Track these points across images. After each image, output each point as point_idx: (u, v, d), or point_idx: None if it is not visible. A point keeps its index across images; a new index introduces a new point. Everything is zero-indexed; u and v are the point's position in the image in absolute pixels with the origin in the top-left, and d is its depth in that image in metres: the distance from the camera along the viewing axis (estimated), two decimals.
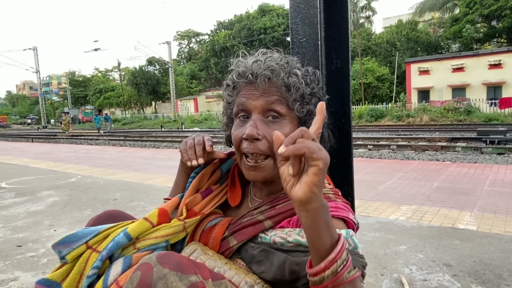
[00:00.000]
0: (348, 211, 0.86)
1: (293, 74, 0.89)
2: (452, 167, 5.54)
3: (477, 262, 2.15)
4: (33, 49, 40.73)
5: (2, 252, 2.62)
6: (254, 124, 0.85)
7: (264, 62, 0.88)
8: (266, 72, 0.86)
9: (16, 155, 9.91)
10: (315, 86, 0.93)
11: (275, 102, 0.86)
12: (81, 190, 4.69)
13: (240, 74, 0.90)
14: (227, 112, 0.99)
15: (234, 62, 0.96)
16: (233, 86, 0.93)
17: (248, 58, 0.94)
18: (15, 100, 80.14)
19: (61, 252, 0.85)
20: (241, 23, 41.58)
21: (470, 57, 24.76)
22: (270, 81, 0.87)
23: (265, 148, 0.86)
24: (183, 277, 0.63)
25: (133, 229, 0.85)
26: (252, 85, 0.88)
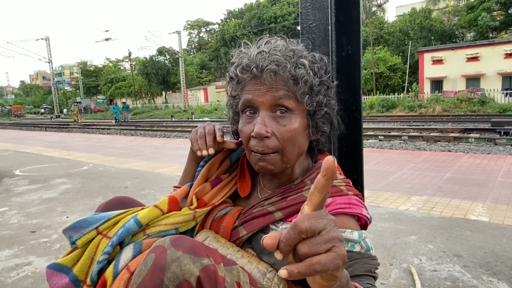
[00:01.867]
0: (361, 206, 0.85)
1: (300, 64, 0.85)
2: (465, 158, 5.45)
3: (488, 254, 2.12)
4: (46, 39, 41.09)
5: (17, 237, 2.68)
6: (262, 121, 0.83)
7: (269, 53, 0.83)
8: (271, 66, 0.82)
9: (30, 143, 10.09)
10: (323, 74, 0.90)
11: (283, 97, 0.83)
12: (93, 178, 4.76)
13: (244, 68, 0.86)
14: (233, 106, 0.97)
15: (236, 52, 0.92)
16: (237, 80, 0.89)
17: (251, 48, 0.89)
18: (29, 90, 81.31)
19: (72, 237, 0.86)
20: (251, 12, 41.24)
21: (486, 46, 24.18)
22: (276, 75, 0.82)
23: (274, 145, 0.84)
24: (196, 260, 0.64)
25: (143, 216, 0.85)
26: (257, 80, 0.85)
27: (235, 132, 1.03)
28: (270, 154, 0.85)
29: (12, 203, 3.64)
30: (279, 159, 0.85)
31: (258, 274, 0.82)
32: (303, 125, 0.87)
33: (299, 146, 0.88)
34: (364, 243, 0.78)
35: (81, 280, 0.84)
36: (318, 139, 0.93)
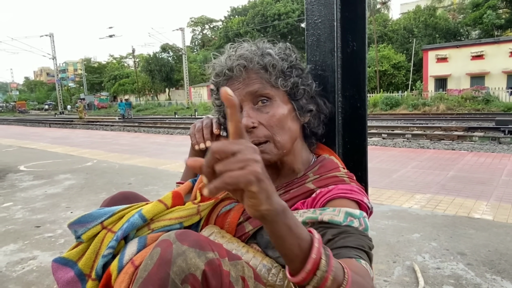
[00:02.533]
0: (363, 195, 0.85)
1: (266, 54, 0.89)
2: (469, 157, 5.43)
3: (492, 252, 2.11)
4: (50, 35, 41.21)
5: (22, 232, 2.71)
6: (247, 114, 0.86)
7: (236, 53, 0.89)
8: (240, 61, 0.87)
9: (34, 139, 10.14)
10: (293, 60, 0.94)
11: (260, 88, 0.87)
12: (97, 174, 4.78)
13: (218, 74, 0.91)
14: (222, 114, 1.01)
15: (209, 66, 0.97)
16: (216, 88, 0.94)
17: (221, 57, 0.94)
18: (33, 86, 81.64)
19: (77, 231, 0.87)
20: (255, 9, 41.10)
21: (491, 44, 24.00)
22: (246, 69, 0.87)
23: (263, 133, 0.86)
24: (201, 253, 0.64)
25: (148, 210, 0.86)
26: (231, 80, 0.88)
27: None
28: (262, 145, 0.87)
29: (17, 198, 3.66)
30: (272, 146, 0.88)
31: (263, 269, 0.82)
32: (287, 109, 0.90)
33: (289, 129, 0.90)
34: (364, 221, 0.79)
35: (86, 274, 0.85)
36: (309, 121, 0.96)
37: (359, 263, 0.70)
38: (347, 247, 0.75)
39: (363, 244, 0.76)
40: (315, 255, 0.56)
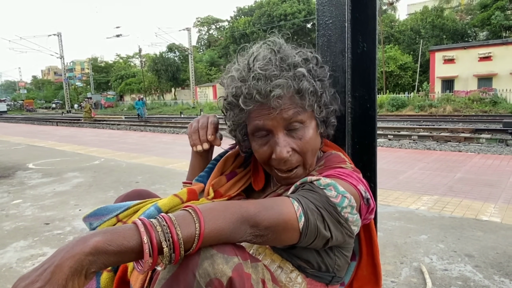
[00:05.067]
0: (360, 183, 0.85)
1: (300, 75, 0.83)
2: (476, 158, 5.40)
3: (500, 254, 2.10)
4: (58, 34, 41.52)
5: (31, 229, 2.74)
6: (281, 143, 0.84)
7: (265, 76, 0.81)
8: (276, 91, 0.80)
9: (42, 138, 10.24)
10: (320, 73, 0.90)
11: (294, 114, 0.84)
12: (105, 172, 4.82)
13: (246, 97, 0.83)
14: (239, 129, 0.94)
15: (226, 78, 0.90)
16: (239, 109, 0.87)
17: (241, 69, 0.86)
18: (41, 85, 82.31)
19: (92, 224, 0.88)
20: (261, 9, 41.10)
21: (499, 45, 23.75)
22: (281, 98, 0.81)
23: (296, 159, 0.87)
24: (229, 259, 0.64)
25: (164, 204, 0.88)
26: (263, 106, 0.83)
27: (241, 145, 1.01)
28: (294, 171, 0.88)
29: (26, 196, 3.71)
30: (302, 169, 0.89)
31: (281, 272, 0.83)
32: (315, 128, 0.89)
33: (315, 148, 0.91)
34: (342, 198, 0.78)
35: None
36: (328, 132, 0.97)
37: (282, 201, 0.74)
38: (296, 192, 0.80)
39: (317, 199, 0.76)
40: (145, 238, 0.57)
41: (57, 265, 0.53)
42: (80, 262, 0.53)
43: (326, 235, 0.77)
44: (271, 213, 0.70)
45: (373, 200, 0.87)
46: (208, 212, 0.64)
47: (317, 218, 0.75)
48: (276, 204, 0.73)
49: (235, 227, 0.66)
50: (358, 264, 1.04)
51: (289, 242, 0.75)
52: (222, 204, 0.69)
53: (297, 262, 0.84)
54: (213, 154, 1.11)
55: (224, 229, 0.64)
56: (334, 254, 0.87)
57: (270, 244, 0.81)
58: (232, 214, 0.66)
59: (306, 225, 0.73)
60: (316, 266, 0.85)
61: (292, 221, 0.72)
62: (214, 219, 0.64)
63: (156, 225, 0.60)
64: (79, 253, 0.53)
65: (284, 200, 0.75)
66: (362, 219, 0.86)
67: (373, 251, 1.01)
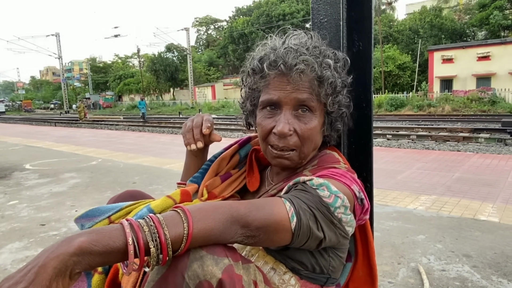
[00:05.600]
0: (354, 183, 0.84)
1: (326, 65, 0.86)
2: (475, 158, 5.39)
3: (498, 254, 2.09)
4: (56, 35, 41.44)
5: (27, 230, 2.72)
6: (286, 120, 0.84)
7: (297, 51, 0.84)
8: (300, 65, 0.82)
9: (40, 138, 10.21)
10: (344, 74, 0.92)
11: (308, 98, 0.85)
12: (102, 173, 4.80)
13: (271, 64, 0.85)
14: (252, 99, 0.95)
15: (260, 45, 0.93)
16: (261, 74, 0.88)
17: (276, 42, 0.90)
18: (39, 86, 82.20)
19: (84, 225, 0.86)
20: (259, 9, 41.13)
21: (497, 45, 23.78)
22: (303, 75, 0.83)
23: (294, 141, 0.86)
24: (219, 260, 0.63)
25: (157, 205, 0.86)
26: (283, 77, 0.84)
27: (249, 123, 1.02)
28: (288, 152, 0.87)
29: (22, 197, 3.69)
30: (297, 156, 0.88)
31: (273, 274, 0.82)
32: (320, 123, 0.90)
33: (315, 143, 0.90)
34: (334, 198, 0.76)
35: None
36: (330, 135, 0.96)
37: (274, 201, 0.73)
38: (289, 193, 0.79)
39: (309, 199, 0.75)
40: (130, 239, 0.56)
41: (41, 265, 0.52)
42: (64, 262, 0.52)
43: (319, 235, 0.75)
44: (263, 213, 0.69)
45: (368, 201, 0.85)
46: (197, 212, 0.63)
47: (309, 218, 0.74)
48: (267, 204, 0.72)
49: (225, 228, 0.65)
50: (354, 265, 1.03)
51: (281, 243, 0.74)
52: (212, 204, 0.68)
53: (291, 263, 0.83)
54: (208, 155, 1.10)
55: (214, 230, 0.63)
56: (328, 255, 0.86)
57: (262, 245, 0.79)
58: (222, 214, 0.65)
59: (299, 226, 0.72)
60: (310, 268, 0.84)
61: (284, 221, 0.71)
62: (203, 219, 0.63)
63: (143, 225, 0.59)
64: (64, 254, 0.53)
65: (276, 200, 0.74)
66: (356, 219, 0.85)
67: (369, 252, 1.00)
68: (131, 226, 0.58)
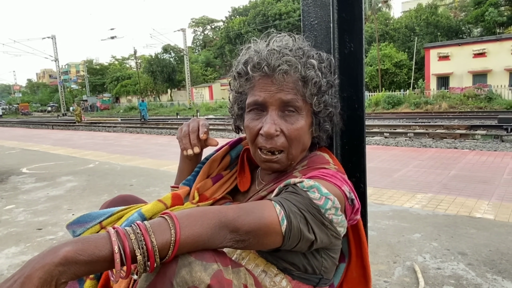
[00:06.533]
0: (344, 183, 0.84)
1: (310, 65, 0.86)
2: (471, 155, 5.41)
3: (493, 252, 2.11)
4: (52, 37, 41.37)
5: (23, 234, 2.72)
6: (272, 120, 0.85)
7: (280, 52, 0.85)
8: (283, 66, 0.83)
9: (37, 141, 10.18)
10: (329, 74, 0.92)
11: (293, 99, 0.85)
12: (99, 176, 4.79)
13: (255, 66, 0.86)
14: (238, 102, 0.97)
15: (244, 48, 0.94)
16: (246, 77, 0.89)
17: (259, 44, 0.91)
18: (36, 88, 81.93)
19: (75, 231, 0.86)
20: (256, 9, 41.13)
21: (493, 41, 23.87)
22: (287, 75, 0.84)
23: (281, 142, 0.86)
24: (208, 266, 0.63)
25: (147, 210, 0.86)
26: (267, 79, 0.85)
27: (239, 127, 1.03)
28: (276, 155, 0.87)
29: (19, 201, 3.68)
30: (285, 158, 0.88)
31: (265, 277, 0.82)
32: (308, 123, 0.90)
33: (303, 143, 0.91)
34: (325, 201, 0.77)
35: None
36: (319, 136, 0.96)
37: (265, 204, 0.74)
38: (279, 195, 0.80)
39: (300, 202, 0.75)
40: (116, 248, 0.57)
41: (27, 276, 0.52)
42: (50, 272, 0.53)
43: (310, 237, 0.76)
44: (252, 217, 0.70)
45: (358, 200, 0.86)
46: (185, 219, 0.64)
47: (300, 221, 0.74)
48: (257, 208, 0.73)
49: (214, 233, 0.65)
50: (347, 266, 1.04)
51: (272, 245, 0.75)
52: (200, 210, 0.68)
53: (283, 264, 0.83)
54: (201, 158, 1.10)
55: (202, 235, 0.64)
56: (320, 256, 0.86)
57: (253, 249, 0.80)
58: (210, 219, 0.65)
59: (289, 228, 0.73)
60: (302, 268, 0.84)
61: (274, 224, 0.71)
62: (190, 225, 0.63)
63: (130, 233, 0.59)
64: (49, 264, 0.53)
65: (266, 204, 0.75)
66: (347, 219, 0.85)
67: (362, 253, 1.01)
68: (118, 234, 0.59)
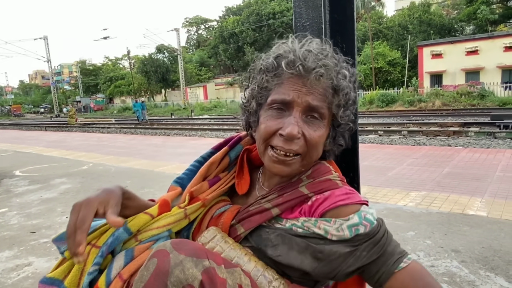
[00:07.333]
0: (356, 194, 0.83)
1: (343, 75, 0.83)
2: (464, 153, 5.46)
3: (486, 248, 2.13)
4: (44, 38, 41.01)
5: (17, 238, 2.70)
6: (296, 122, 0.80)
7: (317, 55, 0.80)
8: (320, 69, 0.79)
9: (30, 143, 10.10)
10: (355, 90, 0.89)
11: (321, 106, 0.81)
12: (93, 177, 4.77)
13: (288, 63, 0.80)
14: (257, 97, 0.89)
15: (278, 43, 0.88)
16: (275, 72, 0.84)
17: (294, 44, 0.85)
18: (28, 90, 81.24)
19: (60, 248, 0.83)
20: (249, 8, 41.05)
21: (485, 39, 24.08)
22: (320, 80, 0.80)
23: (300, 146, 0.82)
24: (198, 262, 0.64)
25: (133, 224, 0.83)
26: (299, 79, 0.81)
27: (249, 123, 0.94)
28: (292, 157, 0.82)
29: (12, 204, 3.65)
30: (299, 162, 0.84)
31: (264, 281, 0.81)
32: (326, 134, 0.86)
33: (318, 153, 0.87)
34: (366, 221, 0.77)
35: None
36: (330, 150, 0.93)
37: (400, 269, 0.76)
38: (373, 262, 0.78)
39: (382, 245, 0.77)
40: None
41: None
42: None
43: None
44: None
45: None
46: None
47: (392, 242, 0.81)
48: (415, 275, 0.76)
49: None
50: None
51: None
52: None
53: (282, 269, 0.83)
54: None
55: None
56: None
57: None
58: None
59: None
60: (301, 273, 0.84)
61: None
62: None
63: None
64: None
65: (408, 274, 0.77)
66: None
67: None
68: None
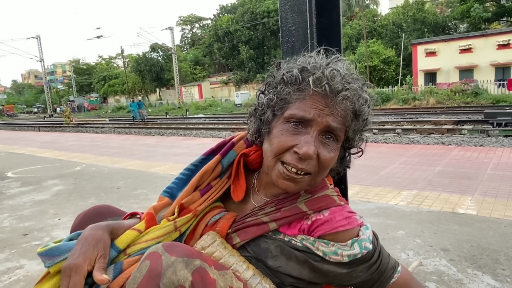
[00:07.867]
0: (354, 213, 0.84)
1: (364, 99, 0.82)
2: (456, 151, 5.51)
3: (474, 247, 2.16)
4: (37, 37, 40.70)
5: (8, 241, 2.68)
6: (313, 142, 0.78)
7: (344, 78, 0.79)
8: (346, 93, 0.78)
9: (23, 144, 10.02)
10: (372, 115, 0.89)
11: (339, 128, 0.80)
12: (86, 178, 4.75)
13: (315, 81, 0.79)
14: (274, 107, 0.85)
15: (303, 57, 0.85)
16: (298, 87, 0.81)
17: (318, 59, 0.83)
18: (21, 89, 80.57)
19: (45, 262, 0.80)
20: (244, 6, 40.99)
21: (478, 37, 24.28)
22: (346, 102, 0.79)
23: (312, 166, 0.80)
24: (189, 262, 0.65)
25: (121, 241, 0.83)
26: (323, 98, 0.79)
27: (259, 131, 0.90)
28: (303, 176, 0.81)
29: (4, 206, 3.63)
30: (308, 181, 0.82)
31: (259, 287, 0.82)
32: (337, 155, 0.86)
33: (326, 173, 0.87)
34: (365, 249, 0.82)
35: None
36: (337, 170, 0.94)
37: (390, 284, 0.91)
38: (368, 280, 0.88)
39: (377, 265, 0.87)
40: None
41: None
42: None
43: None
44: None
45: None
46: None
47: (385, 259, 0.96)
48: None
49: None
50: None
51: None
52: None
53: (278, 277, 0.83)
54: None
55: None
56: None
57: None
58: None
59: None
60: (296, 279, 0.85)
61: None
62: None
63: None
64: None
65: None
66: None
67: None
68: None
